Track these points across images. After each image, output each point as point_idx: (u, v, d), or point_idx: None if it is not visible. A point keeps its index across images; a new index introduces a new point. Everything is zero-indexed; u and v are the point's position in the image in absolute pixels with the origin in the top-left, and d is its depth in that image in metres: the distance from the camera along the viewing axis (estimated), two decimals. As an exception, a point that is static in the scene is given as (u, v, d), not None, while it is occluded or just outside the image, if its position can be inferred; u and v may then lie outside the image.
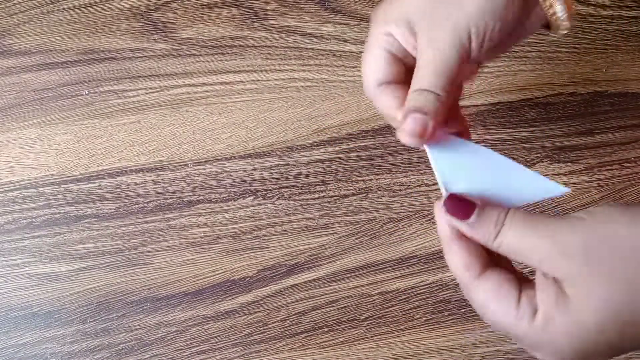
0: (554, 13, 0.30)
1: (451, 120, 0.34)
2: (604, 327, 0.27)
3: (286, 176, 0.45)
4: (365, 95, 0.34)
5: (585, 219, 0.28)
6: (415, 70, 0.31)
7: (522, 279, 0.30)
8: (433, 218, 0.44)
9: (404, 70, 0.33)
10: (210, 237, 0.44)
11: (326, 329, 0.42)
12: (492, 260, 0.30)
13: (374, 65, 0.33)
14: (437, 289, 0.43)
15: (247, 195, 0.45)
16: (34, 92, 0.47)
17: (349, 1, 0.49)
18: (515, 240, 0.28)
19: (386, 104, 0.32)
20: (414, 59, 0.33)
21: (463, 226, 0.29)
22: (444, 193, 0.30)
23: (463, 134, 0.35)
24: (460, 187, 0.30)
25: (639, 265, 0.27)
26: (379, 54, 0.33)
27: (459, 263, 0.30)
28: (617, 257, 0.27)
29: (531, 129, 0.46)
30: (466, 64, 0.32)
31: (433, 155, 0.31)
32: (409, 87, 0.32)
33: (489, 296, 0.29)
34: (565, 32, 0.32)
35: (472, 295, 0.30)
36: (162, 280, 0.44)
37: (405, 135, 0.30)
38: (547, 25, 0.33)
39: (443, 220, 0.30)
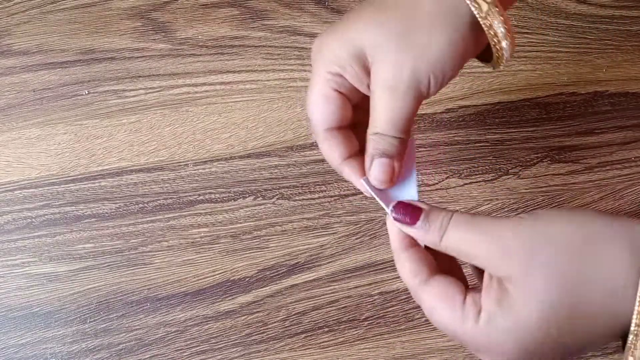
0: (502, 54, 0.30)
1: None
2: (544, 324, 0.27)
3: (286, 176, 0.45)
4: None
5: (526, 219, 0.29)
6: (372, 111, 0.31)
7: (469, 286, 0.30)
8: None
9: (351, 110, 0.33)
10: (210, 237, 0.44)
11: (326, 329, 0.42)
12: (442, 269, 0.31)
13: (325, 108, 0.32)
14: (437, 289, 0.43)
15: (247, 195, 0.45)
16: (34, 92, 0.47)
17: (349, 1, 0.49)
18: (459, 242, 0.29)
19: (334, 153, 0.32)
20: (361, 94, 0.32)
21: (412, 231, 0.30)
22: (388, 212, 0.32)
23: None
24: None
25: (576, 263, 0.27)
26: (330, 95, 0.32)
27: (407, 270, 0.31)
28: (555, 255, 0.27)
29: (531, 129, 0.46)
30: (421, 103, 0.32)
31: (370, 189, 0.32)
32: (353, 128, 0.33)
33: (435, 299, 0.29)
34: (502, 67, 0.32)
35: (421, 300, 0.30)
36: (162, 280, 0.44)
37: (375, 180, 0.32)
38: (485, 59, 0.33)
39: (394, 231, 0.31)
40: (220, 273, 0.44)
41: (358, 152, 0.33)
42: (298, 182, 0.45)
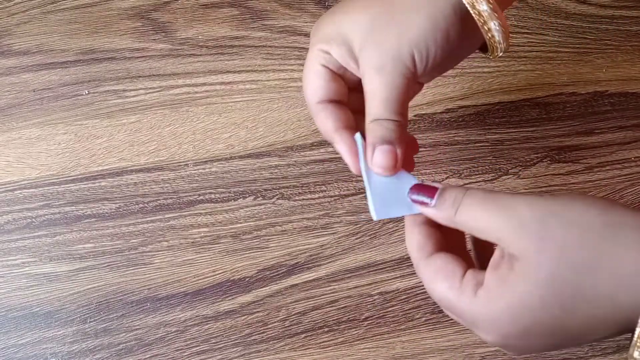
0: (492, 36, 0.31)
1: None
2: (546, 302, 0.27)
3: (286, 176, 0.45)
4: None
5: (545, 197, 0.28)
6: (366, 99, 0.32)
7: (472, 264, 0.31)
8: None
9: (344, 87, 0.34)
10: (210, 237, 0.44)
11: (326, 329, 0.42)
12: (449, 249, 0.31)
13: (315, 82, 0.33)
14: (437, 289, 0.43)
15: (247, 195, 0.45)
16: (34, 92, 0.47)
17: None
18: (473, 216, 0.29)
19: (326, 124, 0.33)
20: (353, 75, 0.33)
21: (429, 211, 0.31)
22: (371, 209, 0.32)
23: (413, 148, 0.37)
24: (384, 198, 0.32)
25: (590, 245, 0.27)
26: (319, 70, 0.33)
27: (414, 243, 0.31)
28: (570, 235, 0.27)
29: (531, 128, 0.46)
30: (413, 85, 0.33)
31: (371, 179, 0.32)
32: (348, 105, 0.34)
33: (435, 272, 0.30)
34: (501, 54, 0.33)
35: (422, 273, 0.31)
36: (162, 280, 0.44)
37: (378, 168, 0.32)
38: (485, 48, 0.34)
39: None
40: (220, 273, 0.44)
41: (353, 126, 0.34)
42: (298, 182, 0.45)
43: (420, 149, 0.45)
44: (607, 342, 0.41)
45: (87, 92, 0.47)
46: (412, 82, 0.32)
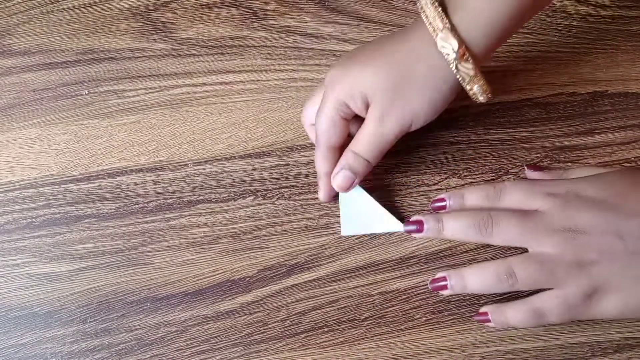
0: (477, 99, 0.40)
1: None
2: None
3: (286, 176, 0.45)
4: (311, 143, 0.45)
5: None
6: (358, 134, 0.40)
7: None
8: (433, 218, 0.44)
9: (348, 130, 0.42)
10: (210, 237, 0.44)
11: (326, 329, 0.42)
12: None
13: (331, 131, 0.40)
14: (437, 289, 0.43)
15: (247, 195, 0.45)
16: (34, 92, 0.47)
17: (349, 1, 0.49)
18: None
19: (325, 166, 0.42)
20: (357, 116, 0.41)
21: (421, 235, 0.41)
22: (341, 219, 0.43)
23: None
24: (352, 218, 0.43)
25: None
26: (338, 121, 0.40)
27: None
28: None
29: (531, 128, 0.46)
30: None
31: (342, 197, 0.43)
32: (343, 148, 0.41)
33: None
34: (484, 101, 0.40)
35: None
36: (162, 280, 0.44)
37: (335, 184, 0.41)
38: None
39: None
40: (220, 273, 0.44)
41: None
42: (298, 182, 0.45)
43: (420, 149, 0.46)
44: (607, 342, 0.42)
45: (87, 92, 0.47)
46: (399, 137, 0.40)
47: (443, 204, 0.42)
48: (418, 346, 0.42)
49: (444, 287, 0.39)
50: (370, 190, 0.44)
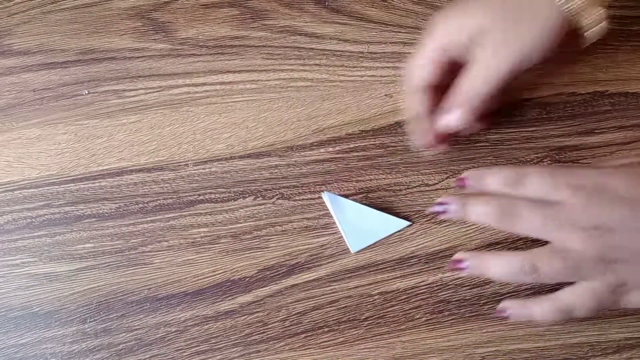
0: (590, 34, 0.40)
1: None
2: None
3: (286, 176, 0.45)
4: (403, 87, 0.45)
5: None
6: (468, 71, 0.39)
7: None
8: (434, 218, 0.44)
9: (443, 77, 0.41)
10: (210, 237, 0.44)
11: (326, 329, 0.42)
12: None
13: (429, 69, 0.40)
14: (437, 289, 0.43)
15: (247, 195, 0.45)
16: (34, 92, 0.47)
17: (349, 1, 0.49)
18: None
19: (421, 106, 0.41)
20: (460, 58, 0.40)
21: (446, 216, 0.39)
22: (346, 239, 0.44)
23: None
24: (355, 233, 0.44)
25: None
26: (435, 60, 0.40)
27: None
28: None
29: (531, 128, 0.46)
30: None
31: (339, 217, 0.44)
32: (442, 88, 0.41)
33: None
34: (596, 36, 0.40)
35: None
36: (162, 280, 0.44)
37: (446, 122, 0.41)
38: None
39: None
40: (220, 273, 0.44)
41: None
42: (298, 182, 0.45)
43: (420, 149, 0.46)
44: (607, 342, 0.42)
45: (87, 92, 0.47)
46: (504, 81, 0.39)
47: (463, 183, 0.40)
48: (418, 346, 0.42)
49: (462, 268, 0.38)
50: (369, 190, 0.44)
